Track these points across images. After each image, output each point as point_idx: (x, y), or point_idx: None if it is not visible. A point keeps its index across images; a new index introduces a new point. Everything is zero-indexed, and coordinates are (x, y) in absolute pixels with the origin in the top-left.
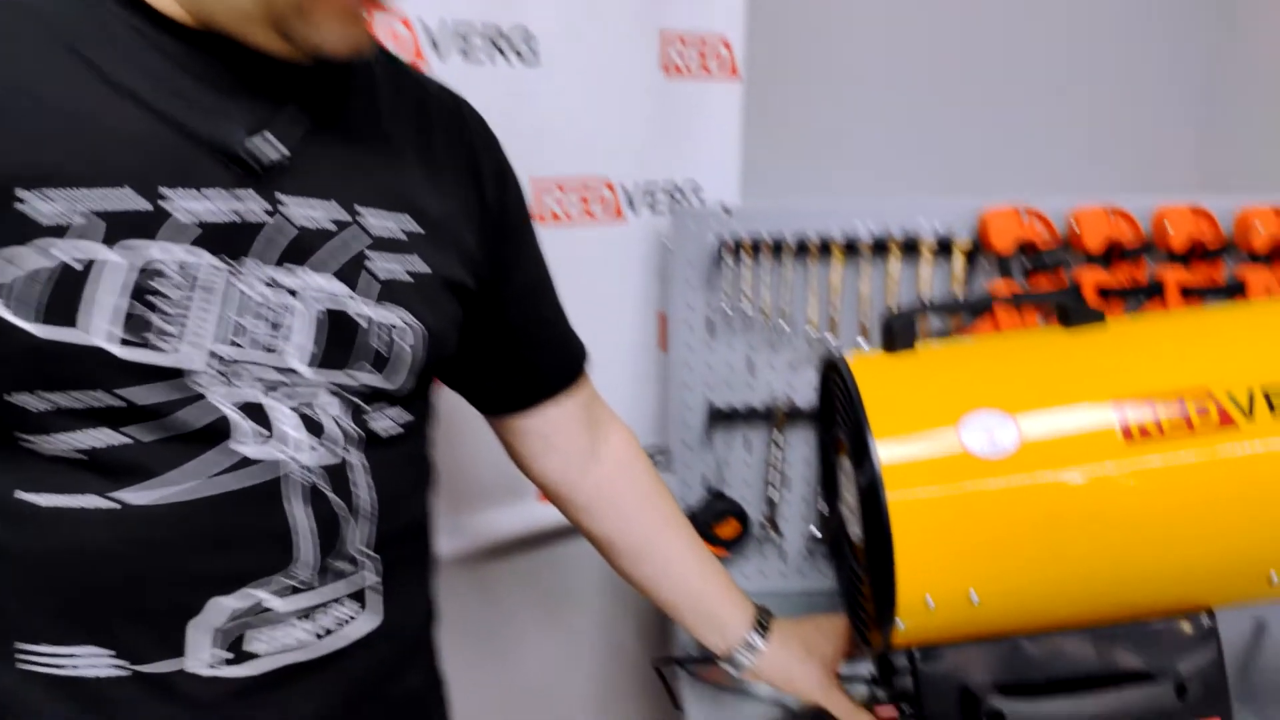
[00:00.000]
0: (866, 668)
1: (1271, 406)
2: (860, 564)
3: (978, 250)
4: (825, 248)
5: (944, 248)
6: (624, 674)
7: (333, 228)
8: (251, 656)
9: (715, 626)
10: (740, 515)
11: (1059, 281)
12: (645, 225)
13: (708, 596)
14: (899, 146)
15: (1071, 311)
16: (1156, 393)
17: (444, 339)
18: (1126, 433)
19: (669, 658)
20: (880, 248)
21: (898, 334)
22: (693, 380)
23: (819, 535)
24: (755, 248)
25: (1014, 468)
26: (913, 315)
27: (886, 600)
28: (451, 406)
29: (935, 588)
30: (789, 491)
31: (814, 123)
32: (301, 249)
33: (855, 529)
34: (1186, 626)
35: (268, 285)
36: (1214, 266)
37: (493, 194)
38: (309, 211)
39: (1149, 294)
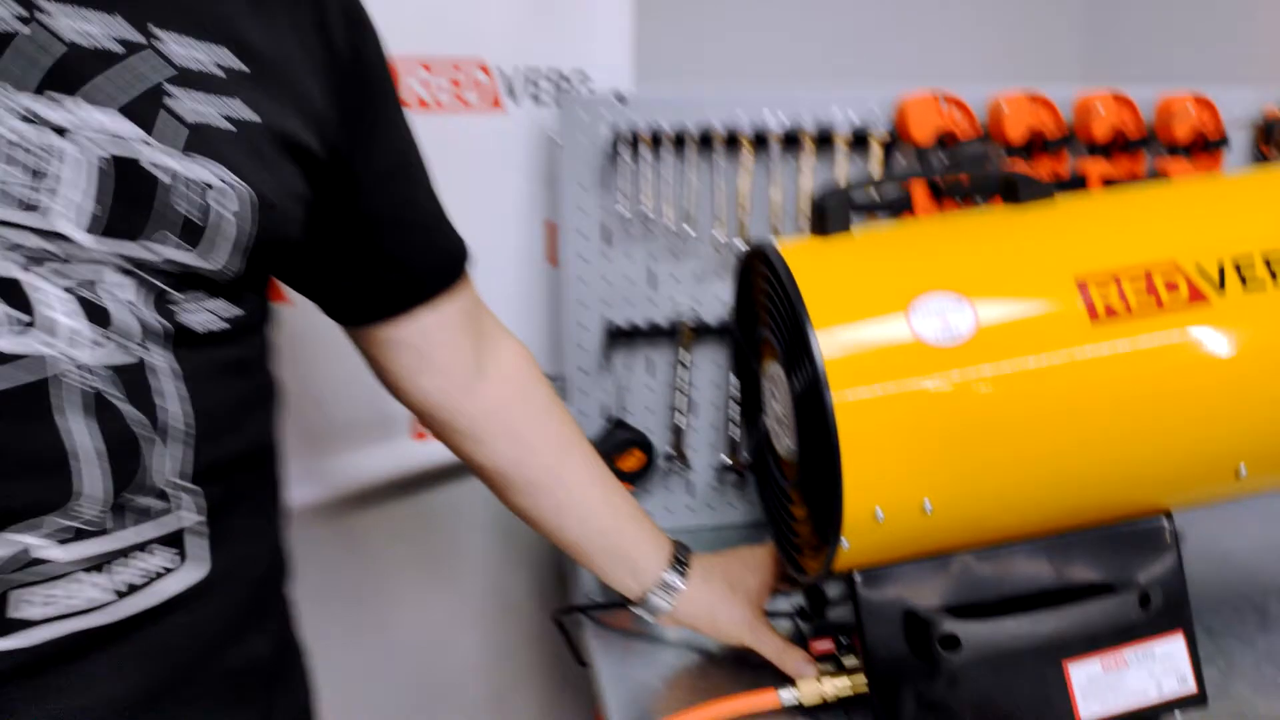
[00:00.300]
0: (788, 602)
1: (1243, 280)
2: (791, 482)
3: (895, 143)
4: (732, 140)
5: (860, 140)
6: (519, 631)
7: (118, 49)
8: (22, 625)
9: (628, 567)
10: (644, 445)
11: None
12: (528, 118)
13: (618, 532)
14: (807, 28)
15: (1020, 186)
16: (1122, 268)
17: (282, 214)
18: (1092, 311)
19: (570, 607)
20: (792, 141)
21: (830, 214)
22: (587, 296)
23: (730, 463)
24: (655, 141)
25: (972, 356)
26: (846, 193)
27: (830, 517)
28: (301, 318)
29: (885, 498)
30: (696, 418)
31: (714, 2)
32: (72, 73)
33: (786, 442)
34: (1145, 532)
35: (24, 119)
36: (1135, 159)
37: (342, 36)
38: (82, 25)
39: (1071, 188)
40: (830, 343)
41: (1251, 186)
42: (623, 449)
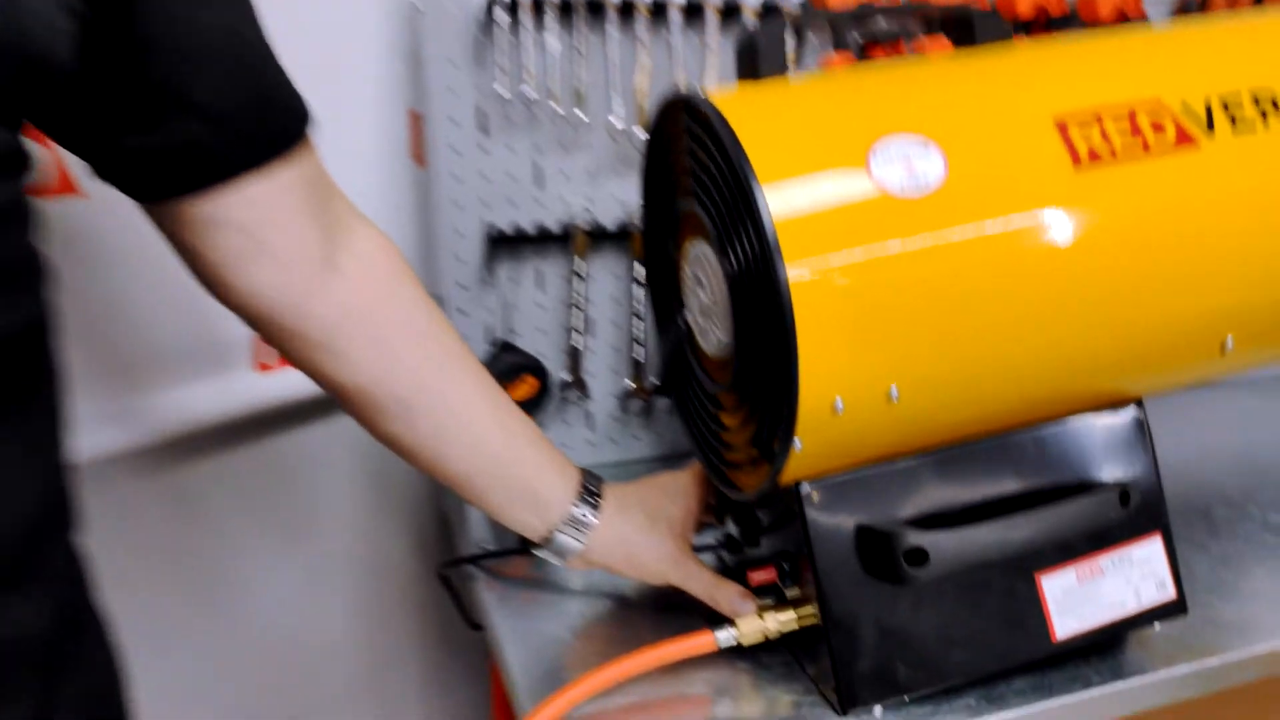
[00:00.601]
0: (711, 535)
1: (1233, 120)
2: (722, 384)
3: (808, 12)
4: (628, 8)
5: (770, 10)
6: (395, 596)
7: None
8: None
9: (529, 501)
10: (537, 371)
11: (897, 54)
12: None
13: (515, 460)
14: None
15: (977, 24)
16: (1104, 106)
17: (27, 11)
18: (1074, 155)
19: (457, 558)
20: (694, 11)
21: (764, 52)
22: (463, 197)
23: (634, 388)
24: (538, 7)
25: (942, 209)
26: (783, 28)
27: (782, 413)
28: (102, 211)
29: (847, 385)
30: (595, 339)
31: None
32: None
33: (716, 336)
34: (1118, 425)
35: None
36: None
37: None
38: None
39: None
40: (779, 202)
41: (1228, 29)
42: (512, 375)
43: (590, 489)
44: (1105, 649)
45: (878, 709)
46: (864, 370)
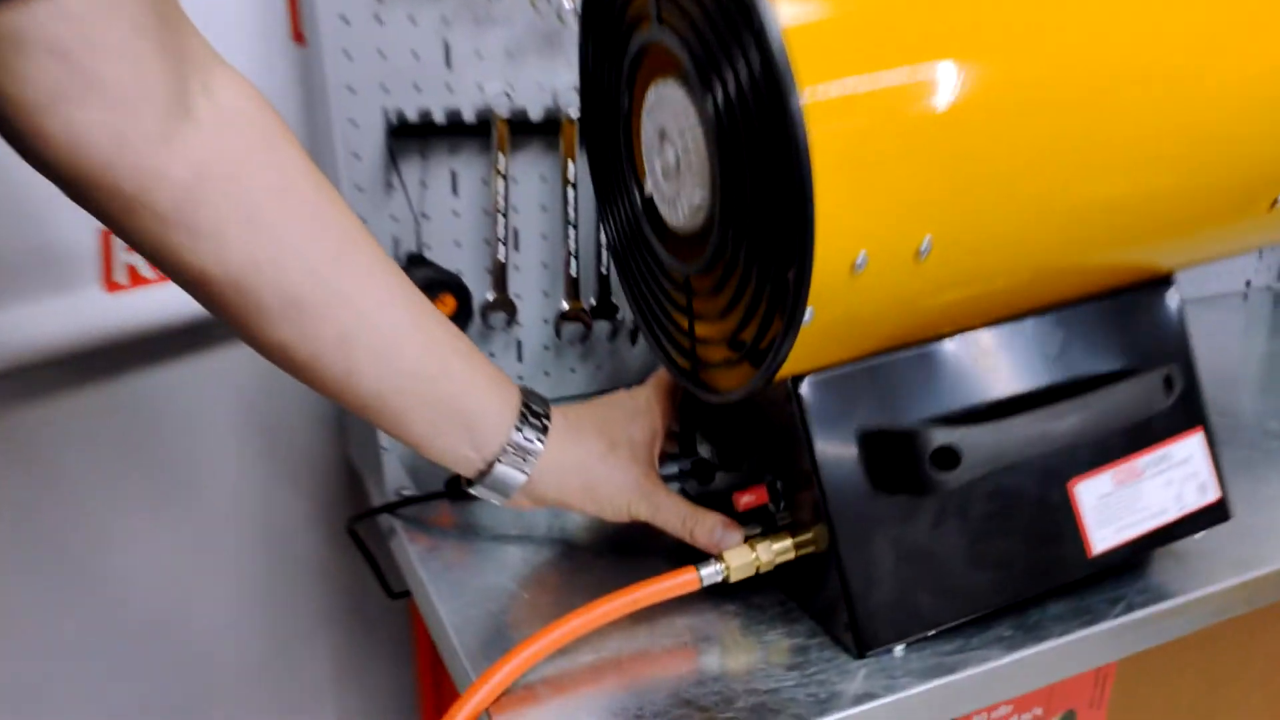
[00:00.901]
0: (670, 467)
1: None
2: (694, 264)
3: None
4: None
5: None
6: (297, 564)
7: None
8: None
9: (460, 425)
10: (456, 288)
11: None
12: None
13: (442, 375)
14: None
15: None
16: None
17: None
18: None
19: (371, 510)
20: None
21: None
22: (358, 79)
23: (568, 309)
24: None
25: (977, 6)
26: None
27: (788, 278)
28: None
29: (871, 235)
30: (521, 254)
31: None
32: None
33: (689, 199)
34: (1149, 303)
35: None
36: None
37: None
38: None
39: None
40: (786, 4)
41: None
42: (427, 294)
43: (535, 410)
44: (1139, 568)
45: (899, 648)
46: (891, 215)
